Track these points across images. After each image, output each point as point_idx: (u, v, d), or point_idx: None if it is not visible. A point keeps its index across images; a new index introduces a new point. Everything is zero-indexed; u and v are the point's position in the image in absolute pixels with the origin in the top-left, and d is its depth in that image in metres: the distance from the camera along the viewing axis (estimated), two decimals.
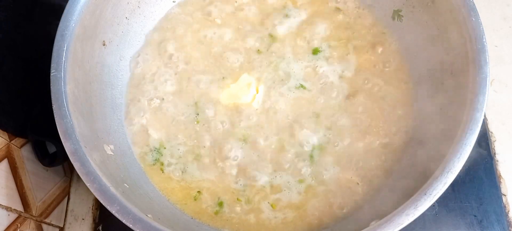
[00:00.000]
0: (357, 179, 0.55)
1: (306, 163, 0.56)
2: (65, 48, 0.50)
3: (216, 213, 0.55)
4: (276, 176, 0.56)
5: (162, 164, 0.58)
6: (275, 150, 0.57)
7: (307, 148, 0.57)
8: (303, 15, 0.66)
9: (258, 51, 0.63)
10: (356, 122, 0.58)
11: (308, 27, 0.65)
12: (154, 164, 0.58)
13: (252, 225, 0.54)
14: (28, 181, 0.56)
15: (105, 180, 0.45)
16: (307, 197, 0.55)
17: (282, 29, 0.65)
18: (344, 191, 0.55)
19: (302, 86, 0.61)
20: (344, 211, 0.54)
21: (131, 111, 0.61)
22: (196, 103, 0.61)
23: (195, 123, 0.60)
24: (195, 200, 0.56)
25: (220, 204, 0.55)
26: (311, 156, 0.57)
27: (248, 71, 0.62)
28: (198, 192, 0.56)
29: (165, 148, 0.59)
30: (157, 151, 0.58)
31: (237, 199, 0.55)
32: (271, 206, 0.55)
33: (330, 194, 0.55)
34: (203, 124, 0.59)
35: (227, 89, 0.61)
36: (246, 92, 0.61)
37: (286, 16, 0.66)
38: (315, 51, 0.63)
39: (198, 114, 0.60)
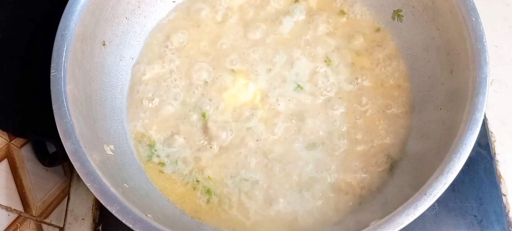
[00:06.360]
0: (356, 179, 0.55)
1: (305, 163, 0.56)
2: (65, 48, 0.50)
3: (208, 201, 0.55)
4: (275, 176, 0.56)
5: (162, 163, 0.58)
6: (274, 149, 0.57)
7: (306, 149, 0.57)
8: (306, 16, 0.66)
9: (260, 51, 0.63)
10: (355, 122, 0.58)
11: (310, 27, 0.65)
12: (154, 164, 0.58)
13: (247, 223, 0.54)
14: (28, 181, 0.56)
15: (105, 180, 0.45)
16: (306, 197, 0.55)
17: (285, 29, 0.65)
18: (343, 191, 0.55)
19: (299, 86, 0.61)
20: (344, 211, 0.54)
21: (131, 111, 0.61)
22: (196, 102, 0.61)
23: (196, 122, 0.60)
24: (194, 189, 0.56)
25: (208, 192, 0.55)
26: (310, 156, 0.57)
27: (249, 71, 0.62)
28: (196, 180, 0.56)
29: (165, 148, 0.59)
30: (157, 151, 0.58)
31: (233, 198, 0.55)
32: (268, 204, 0.55)
33: (329, 194, 0.55)
34: (204, 123, 0.59)
35: (227, 89, 0.61)
36: (245, 91, 0.61)
37: (290, 15, 0.66)
38: (316, 52, 0.63)
39: (198, 113, 0.60)
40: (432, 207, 0.60)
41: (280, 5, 0.67)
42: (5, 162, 0.52)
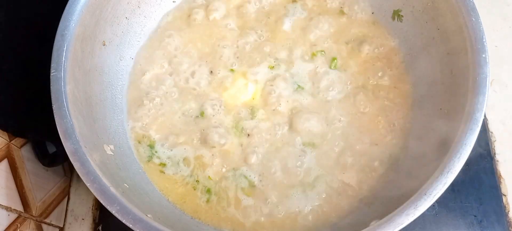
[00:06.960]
0: (356, 179, 0.55)
1: (305, 163, 0.56)
2: (65, 48, 0.50)
3: (208, 201, 0.55)
4: (275, 175, 0.56)
5: (163, 164, 0.58)
6: (274, 149, 0.57)
7: (305, 149, 0.57)
8: (306, 16, 0.66)
9: (260, 51, 0.63)
10: (355, 122, 0.58)
11: (310, 27, 0.65)
12: (154, 164, 0.58)
13: (247, 223, 0.54)
14: (28, 181, 0.56)
15: (105, 180, 0.45)
16: (306, 197, 0.55)
17: (284, 29, 0.65)
18: (343, 191, 0.55)
19: (299, 86, 0.61)
20: (344, 211, 0.54)
21: (131, 111, 0.61)
22: (196, 102, 0.61)
23: (196, 122, 0.60)
24: (194, 189, 0.56)
25: (208, 191, 0.55)
26: (310, 156, 0.57)
27: (249, 71, 0.62)
28: (196, 180, 0.56)
29: (165, 149, 0.59)
30: (158, 152, 0.58)
31: (233, 196, 0.55)
32: (268, 203, 0.55)
33: (329, 194, 0.55)
34: (204, 123, 0.59)
35: (227, 89, 0.61)
36: (245, 91, 0.61)
37: (290, 16, 0.66)
38: (316, 52, 0.63)
39: (198, 113, 0.60)
40: (432, 207, 0.60)
41: (280, 5, 0.67)
42: (5, 162, 0.52)
